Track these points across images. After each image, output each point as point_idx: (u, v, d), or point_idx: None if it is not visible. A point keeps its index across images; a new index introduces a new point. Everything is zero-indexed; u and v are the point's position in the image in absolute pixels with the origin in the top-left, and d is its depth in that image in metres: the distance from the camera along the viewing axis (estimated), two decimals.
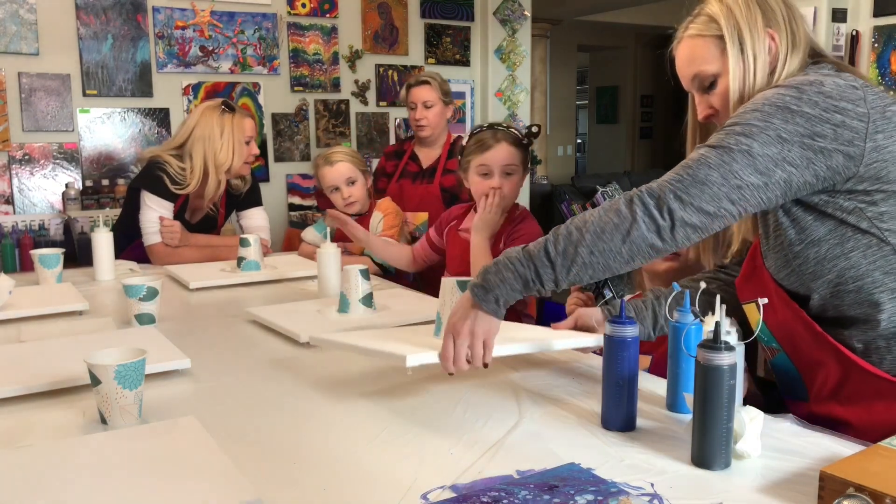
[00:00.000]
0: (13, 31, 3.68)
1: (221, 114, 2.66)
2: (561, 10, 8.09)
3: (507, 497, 0.95)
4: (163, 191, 2.62)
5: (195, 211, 2.79)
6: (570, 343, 1.39)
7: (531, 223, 2.14)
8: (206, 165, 2.64)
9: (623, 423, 1.18)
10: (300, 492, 1.00)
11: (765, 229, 1.32)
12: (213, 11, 4.15)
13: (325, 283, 2.11)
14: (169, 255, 2.62)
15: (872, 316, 1.21)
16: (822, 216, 1.21)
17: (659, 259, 1.54)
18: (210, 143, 2.63)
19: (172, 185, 2.63)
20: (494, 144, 2.06)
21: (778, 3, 1.29)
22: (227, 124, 2.65)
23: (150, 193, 2.62)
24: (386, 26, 4.70)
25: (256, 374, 1.50)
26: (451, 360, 1.21)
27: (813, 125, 1.13)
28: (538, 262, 1.19)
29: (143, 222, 2.64)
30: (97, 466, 1.02)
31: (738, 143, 1.14)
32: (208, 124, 2.64)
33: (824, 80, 1.17)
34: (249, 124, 2.72)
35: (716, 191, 1.13)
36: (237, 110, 2.72)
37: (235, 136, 2.65)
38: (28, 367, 1.41)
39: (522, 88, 5.21)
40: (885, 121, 1.17)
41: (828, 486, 0.89)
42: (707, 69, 1.31)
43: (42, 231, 3.66)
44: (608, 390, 1.19)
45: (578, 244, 1.17)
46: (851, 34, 4.13)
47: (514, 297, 1.21)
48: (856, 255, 1.20)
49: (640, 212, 1.14)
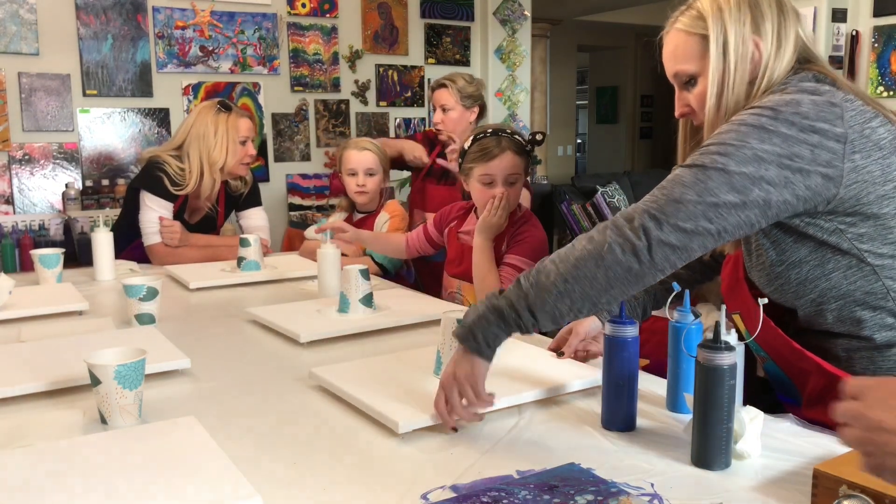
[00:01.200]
0: (13, 31, 3.68)
1: (217, 113, 2.67)
2: (561, 10, 8.09)
3: (507, 497, 0.95)
4: (162, 191, 2.62)
5: (194, 211, 2.79)
6: (575, 384, 1.36)
7: (533, 225, 2.13)
8: (201, 164, 2.65)
9: (623, 422, 1.18)
10: (300, 492, 1.00)
11: (747, 248, 1.32)
12: (213, 11, 4.15)
13: (325, 283, 2.11)
14: (168, 256, 2.62)
15: (855, 332, 1.22)
16: (802, 238, 1.20)
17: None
18: (205, 142, 2.64)
19: (172, 185, 2.63)
20: (499, 154, 2.02)
21: (771, 7, 1.26)
22: (222, 123, 2.66)
23: (149, 194, 2.62)
24: (386, 26, 4.70)
25: (256, 374, 1.50)
26: (444, 413, 1.17)
27: (790, 145, 1.10)
28: (512, 295, 1.15)
29: (142, 222, 2.64)
30: (97, 466, 1.02)
31: (714, 162, 1.11)
32: (203, 123, 2.65)
33: (801, 99, 1.14)
34: (246, 124, 2.72)
35: (692, 209, 1.09)
36: (234, 109, 2.73)
37: (230, 135, 2.66)
38: (28, 367, 1.41)
39: (522, 88, 5.21)
40: (863, 140, 1.13)
41: (821, 483, 0.89)
42: (687, 68, 1.29)
43: (42, 231, 3.66)
44: (608, 390, 1.19)
45: (551, 273, 1.13)
46: (851, 34, 4.13)
47: (494, 334, 1.16)
48: (836, 276, 1.20)
49: (612, 234, 1.11)
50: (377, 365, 1.45)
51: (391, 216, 2.68)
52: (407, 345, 1.64)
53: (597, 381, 1.35)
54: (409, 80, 4.80)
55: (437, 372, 1.37)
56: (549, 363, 1.45)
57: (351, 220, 2.78)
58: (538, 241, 2.09)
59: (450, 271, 2.26)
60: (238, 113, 2.73)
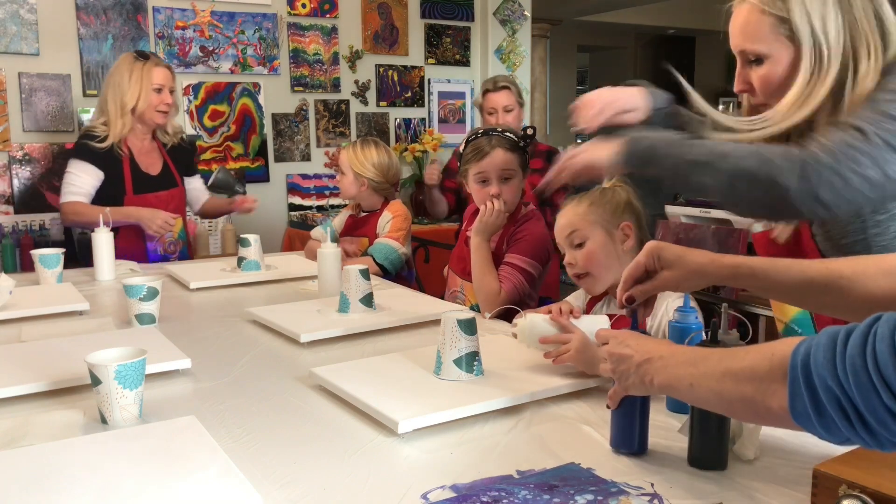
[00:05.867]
0: (13, 31, 3.68)
1: (134, 61, 2.82)
2: (561, 10, 8.09)
3: (507, 497, 0.95)
4: (85, 154, 2.78)
5: (149, 165, 2.91)
6: (576, 384, 1.35)
7: (535, 224, 2.13)
8: (117, 109, 2.80)
9: (635, 445, 1.09)
10: (300, 492, 1.00)
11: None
12: (214, 11, 4.15)
13: (325, 283, 2.11)
14: (77, 215, 2.76)
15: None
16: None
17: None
18: (119, 88, 2.79)
19: (95, 141, 2.77)
20: (490, 151, 2.06)
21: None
22: (137, 70, 2.81)
23: (72, 160, 2.81)
24: (386, 26, 4.70)
25: (256, 374, 1.50)
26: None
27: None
28: (655, 137, 1.27)
29: (63, 184, 2.80)
30: (97, 466, 1.02)
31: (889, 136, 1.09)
32: (119, 71, 2.81)
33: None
34: (162, 73, 2.84)
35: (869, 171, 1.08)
36: (151, 58, 2.86)
37: (143, 81, 2.79)
38: (28, 367, 1.41)
39: (522, 88, 5.21)
40: None
41: (821, 483, 0.89)
42: (756, 48, 1.25)
43: (42, 231, 3.66)
44: (618, 410, 1.09)
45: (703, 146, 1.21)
46: None
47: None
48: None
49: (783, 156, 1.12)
50: (377, 365, 1.45)
51: (394, 216, 2.67)
52: (407, 345, 1.64)
53: (596, 381, 1.36)
54: (409, 81, 4.79)
55: (437, 372, 1.37)
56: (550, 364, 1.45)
57: (354, 218, 2.79)
58: (538, 238, 2.09)
59: (453, 266, 2.27)
60: (155, 62, 2.87)
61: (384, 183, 2.70)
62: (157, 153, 2.94)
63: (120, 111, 2.78)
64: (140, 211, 2.74)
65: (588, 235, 1.62)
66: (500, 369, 1.41)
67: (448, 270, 2.32)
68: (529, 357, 1.48)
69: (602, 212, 1.62)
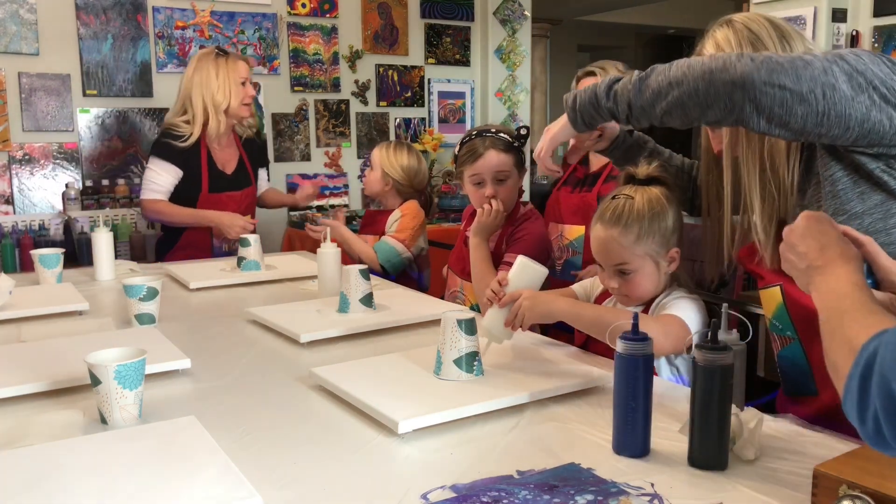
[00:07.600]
0: (13, 31, 3.68)
1: (216, 58, 2.86)
2: (561, 10, 8.09)
3: (507, 497, 0.95)
4: (166, 153, 2.84)
5: (226, 163, 2.97)
6: (576, 384, 1.35)
7: (534, 223, 2.13)
8: (206, 109, 2.83)
9: (637, 448, 1.09)
10: (300, 492, 1.00)
11: (801, 205, 1.29)
12: (214, 11, 4.15)
13: (325, 283, 2.11)
14: (158, 213, 2.89)
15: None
16: (875, 186, 1.18)
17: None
18: (207, 87, 2.83)
19: (178, 141, 2.81)
20: (484, 153, 2.06)
21: (771, 38, 1.31)
22: (223, 66, 2.85)
23: (153, 157, 2.88)
24: (386, 26, 4.70)
25: (256, 374, 1.50)
26: None
27: (890, 79, 1.13)
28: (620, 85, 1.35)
29: (143, 180, 2.90)
30: (97, 466, 1.02)
31: (839, 57, 1.14)
32: (204, 69, 2.84)
33: None
34: (244, 66, 2.92)
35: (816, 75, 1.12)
36: (231, 53, 2.91)
37: (231, 77, 2.85)
38: (28, 367, 1.41)
39: (522, 88, 5.20)
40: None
41: (821, 483, 0.89)
42: None
43: (42, 231, 3.66)
44: (619, 413, 1.10)
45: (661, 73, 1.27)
46: (851, 34, 4.12)
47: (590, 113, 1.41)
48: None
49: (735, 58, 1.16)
50: (377, 365, 1.45)
51: (403, 214, 2.66)
52: (407, 345, 1.64)
53: (596, 381, 1.36)
54: (409, 80, 4.79)
55: (437, 372, 1.37)
56: (550, 364, 1.45)
57: (371, 213, 2.87)
58: (537, 237, 2.09)
59: (453, 266, 2.27)
60: (236, 56, 2.92)
61: (408, 187, 2.74)
62: (234, 148, 3.01)
63: (213, 110, 2.83)
64: (221, 216, 2.83)
65: (636, 268, 1.54)
66: (500, 369, 1.41)
67: (448, 270, 2.32)
68: (529, 357, 1.48)
69: (652, 242, 1.52)
